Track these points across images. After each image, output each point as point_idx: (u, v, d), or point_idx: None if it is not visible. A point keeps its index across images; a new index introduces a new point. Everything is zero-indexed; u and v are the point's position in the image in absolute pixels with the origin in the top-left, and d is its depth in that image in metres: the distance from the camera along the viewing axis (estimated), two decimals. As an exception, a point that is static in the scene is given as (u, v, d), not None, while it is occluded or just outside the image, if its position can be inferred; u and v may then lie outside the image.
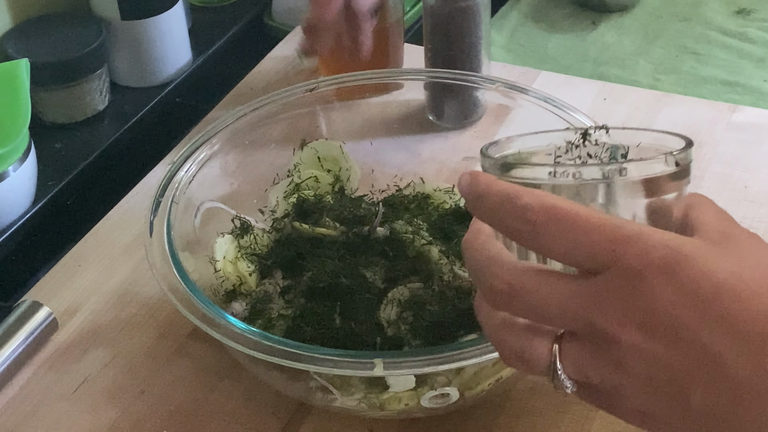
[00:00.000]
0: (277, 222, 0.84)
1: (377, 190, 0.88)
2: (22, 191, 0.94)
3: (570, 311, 0.49)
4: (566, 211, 0.48)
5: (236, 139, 0.85)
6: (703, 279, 0.47)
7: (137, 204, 0.94)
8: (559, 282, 0.49)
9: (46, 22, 1.05)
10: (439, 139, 0.96)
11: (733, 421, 0.48)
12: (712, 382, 0.47)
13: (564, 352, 0.50)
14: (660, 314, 0.47)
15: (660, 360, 0.47)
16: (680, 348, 0.47)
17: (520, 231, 0.49)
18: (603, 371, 0.49)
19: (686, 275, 0.47)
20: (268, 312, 0.77)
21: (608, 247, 0.47)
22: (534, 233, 0.49)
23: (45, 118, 1.04)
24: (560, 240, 0.48)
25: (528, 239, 0.49)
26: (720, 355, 0.47)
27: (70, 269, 0.89)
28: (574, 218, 0.48)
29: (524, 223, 0.49)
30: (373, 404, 0.70)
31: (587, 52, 1.34)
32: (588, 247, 0.48)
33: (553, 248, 0.49)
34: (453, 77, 0.90)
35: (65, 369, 0.80)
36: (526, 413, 0.75)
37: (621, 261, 0.47)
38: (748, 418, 0.48)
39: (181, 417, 0.76)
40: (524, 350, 0.51)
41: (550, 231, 0.48)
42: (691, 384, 0.48)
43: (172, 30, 1.09)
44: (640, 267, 0.47)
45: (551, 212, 0.48)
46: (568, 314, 0.49)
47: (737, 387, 0.47)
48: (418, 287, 0.76)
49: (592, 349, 0.49)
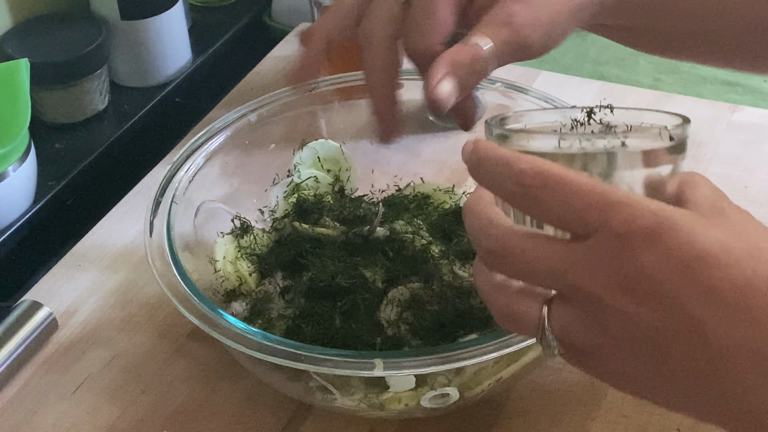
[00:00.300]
0: (277, 222, 0.84)
1: (377, 190, 0.88)
2: (22, 191, 0.94)
3: (558, 273, 0.50)
4: (559, 177, 0.50)
5: (236, 139, 0.85)
6: (687, 245, 0.48)
7: (137, 204, 0.94)
8: (550, 245, 0.51)
9: (46, 22, 1.05)
10: (439, 139, 0.96)
11: (712, 385, 0.49)
12: (691, 346, 0.48)
13: (552, 313, 0.52)
14: (643, 278, 0.48)
15: (642, 323, 0.49)
16: (662, 312, 0.48)
17: (515, 194, 0.51)
18: (588, 333, 0.51)
19: (671, 241, 0.48)
20: (268, 312, 0.77)
21: (597, 211, 0.49)
22: (528, 196, 0.50)
23: (45, 118, 1.04)
24: (552, 204, 0.50)
25: (522, 202, 0.51)
26: (700, 321, 0.48)
27: (70, 269, 0.89)
28: (566, 183, 0.49)
29: (519, 186, 0.51)
30: (373, 404, 0.70)
31: (587, 51, 1.34)
32: (578, 212, 0.49)
33: (545, 211, 0.50)
34: (453, 77, 0.89)
35: (65, 369, 0.80)
36: (526, 413, 0.75)
37: (608, 226, 0.49)
38: (726, 382, 0.49)
39: (181, 417, 0.76)
40: (515, 311, 0.53)
41: (543, 195, 0.50)
42: (671, 347, 0.49)
43: (172, 30, 1.09)
44: (626, 232, 0.48)
45: (545, 177, 0.50)
46: (557, 276, 0.50)
47: (716, 352, 0.48)
48: (418, 287, 0.76)
49: (578, 311, 0.51)
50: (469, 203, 0.56)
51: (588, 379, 0.76)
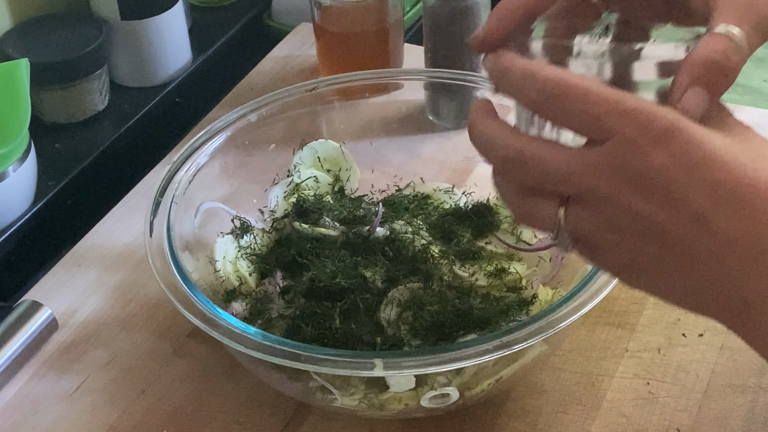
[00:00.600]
0: (277, 222, 0.84)
1: (377, 190, 0.88)
2: (22, 191, 0.94)
3: (572, 176, 0.53)
4: (579, 85, 0.53)
5: (236, 139, 0.85)
6: (694, 146, 0.52)
7: (137, 204, 0.94)
8: (564, 150, 0.54)
9: (46, 22, 1.05)
10: (439, 139, 0.96)
11: (710, 275, 0.53)
12: (693, 238, 0.52)
13: (567, 214, 0.55)
14: (652, 176, 0.52)
15: (649, 218, 0.52)
16: (667, 206, 0.52)
17: (538, 102, 0.54)
18: (599, 230, 0.54)
19: (679, 143, 0.52)
20: (268, 312, 0.77)
21: (613, 117, 0.52)
22: (549, 104, 0.53)
23: (45, 118, 1.04)
24: (572, 110, 0.53)
25: (544, 109, 0.54)
26: (703, 214, 0.52)
27: (70, 269, 0.89)
28: (585, 91, 0.53)
29: (542, 94, 0.53)
30: (373, 404, 0.70)
31: (587, 52, 1.33)
32: (595, 118, 0.52)
33: (566, 118, 0.54)
34: (453, 77, 0.90)
35: (65, 369, 0.80)
36: (526, 413, 0.75)
37: (623, 131, 0.52)
38: (723, 273, 0.53)
39: (181, 417, 0.76)
40: (533, 212, 0.56)
41: (564, 102, 0.53)
42: (675, 239, 0.53)
43: (172, 30, 1.09)
44: (638, 136, 0.52)
45: (566, 85, 0.53)
46: (571, 179, 0.53)
47: (716, 243, 0.52)
48: (418, 287, 0.76)
49: (591, 211, 0.54)
50: (474, 119, 0.58)
51: (588, 379, 0.76)
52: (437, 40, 0.97)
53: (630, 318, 0.81)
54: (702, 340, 0.79)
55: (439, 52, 0.98)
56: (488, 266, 0.79)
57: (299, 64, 1.11)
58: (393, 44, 1.04)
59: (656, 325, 0.80)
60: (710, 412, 0.74)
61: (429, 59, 0.99)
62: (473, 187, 0.87)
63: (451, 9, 0.95)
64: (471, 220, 0.83)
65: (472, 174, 0.90)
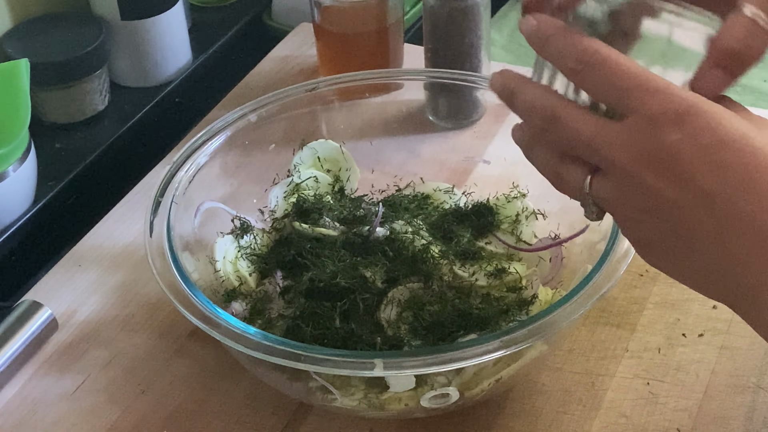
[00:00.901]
0: (277, 222, 0.84)
1: (377, 190, 0.88)
2: (22, 191, 0.94)
3: (596, 146, 0.56)
4: (613, 59, 0.55)
5: (236, 139, 0.85)
6: (710, 130, 0.53)
7: (137, 204, 0.94)
8: (593, 118, 0.56)
9: (46, 22, 1.05)
10: (439, 139, 0.96)
11: (716, 255, 0.54)
12: (701, 217, 0.54)
13: (593, 181, 0.57)
14: (665, 155, 0.53)
15: (660, 195, 0.54)
16: (677, 185, 0.54)
17: (574, 70, 0.57)
18: (617, 203, 0.57)
19: (696, 125, 0.53)
20: (268, 312, 0.77)
21: (638, 93, 0.54)
22: (584, 72, 0.56)
23: (45, 118, 1.04)
24: (602, 81, 0.55)
25: (578, 77, 0.57)
26: (711, 194, 0.53)
27: (70, 269, 0.89)
28: (618, 65, 0.55)
29: (579, 63, 0.56)
30: (373, 404, 0.70)
31: (587, 52, 1.33)
32: (622, 91, 0.55)
33: (596, 88, 0.56)
34: (453, 77, 0.90)
35: (65, 369, 0.80)
36: (526, 413, 0.75)
37: (644, 108, 0.54)
38: (728, 253, 0.54)
39: (181, 417, 0.76)
40: (564, 175, 0.59)
41: (597, 73, 0.56)
42: (683, 217, 0.54)
43: (172, 30, 1.09)
44: (658, 114, 0.54)
45: (601, 57, 0.55)
46: (595, 148, 0.56)
47: (722, 223, 0.53)
48: (418, 287, 0.76)
49: (611, 183, 0.56)
50: (517, 84, 0.60)
51: (588, 379, 0.76)
52: (437, 40, 0.97)
53: (630, 318, 0.81)
54: (702, 340, 0.79)
55: (439, 52, 0.98)
56: (488, 266, 0.79)
57: (299, 64, 1.11)
58: (393, 44, 1.04)
59: (656, 325, 0.80)
60: (710, 412, 0.74)
61: (429, 59, 0.99)
62: (473, 187, 0.87)
63: (451, 9, 0.95)
64: (471, 220, 0.83)
65: (472, 174, 0.90)
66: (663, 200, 0.54)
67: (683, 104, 0.53)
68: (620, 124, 0.55)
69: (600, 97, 0.57)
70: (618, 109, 0.56)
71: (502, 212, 0.84)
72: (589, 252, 0.76)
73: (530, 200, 0.84)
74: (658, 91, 0.54)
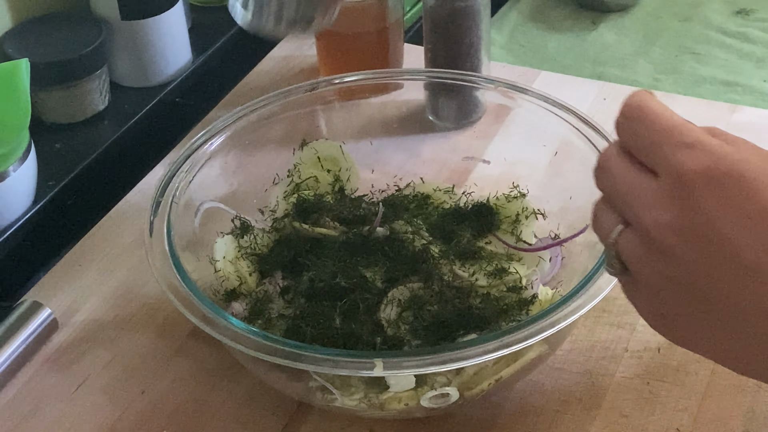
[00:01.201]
0: (277, 222, 0.84)
1: (377, 190, 0.88)
2: (22, 191, 0.94)
3: (629, 201, 0.53)
4: (653, 113, 0.52)
5: (236, 139, 0.85)
6: (752, 197, 0.49)
7: (137, 204, 0.94)
8: (633, 173, 0.53)
9: (46, 22, 1.05)
10: (439, 139, 0.96)
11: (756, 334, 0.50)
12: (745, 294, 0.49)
13: (622, 234, 0.54)
14: (699, 224, 0.49)
15: (693, 266, 0.50)
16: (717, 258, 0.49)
17: (620, 124, 0.54)
18: (640, 263, 0.53)
19: (736, 190, 0.49)
20: (268, 312, 0.77)
21: (669, 148, 0.51)
22: (624, 126, 0.54)
23: (45, 118, 1.04)
24: (638, 136, 0.53)
25: (620, 132, 0.54)
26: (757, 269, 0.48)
27: (70, 269, 0.89)
28: (656, 120, 0.52)
29: (622, 117, 0.54)
30: (373, 404, 0.70)
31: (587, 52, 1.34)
32: (654, 146, 0.51)
33: (632, 142, 0.53)
34: (453, 77, 0.90)
35: (65, 369, 0.80)
36: (526, 413, 0.75)
37: (677, 165, 0.50)
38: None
39: (181, 417, 0.76)
40: (600, 217, 0.56)
41: (635, 127, 0.53)
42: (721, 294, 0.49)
43: (172, 30, 1.09)
44: (691, 174, 0.50)
45: (642, 111, 0.53)
46: (627, 204, 0.53)
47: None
48: (418, 287, 0.76)
49: (639, 242, 0.52)
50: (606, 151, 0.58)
51: (588, 379, 0.76)
52: (437, 40, 0.97)
53: (630, 318, 0.81)
54: (702, 340, 0.79)
55: (439, 52, 0.98)
56: (488, 266, 0.79)
57: (299, 64, 1.11)
58: (393, 44, 1.04)
59: (656, 325, 0.80)
60: (710, 412, 0.74)
61: (429, 59, 0.99)
62: (473, 187, 0.87)
63: (451, 9, 0.95)
64: (471, 220, 0.83)
65: (472, 174, 0.90)
66: (692, 272, 0.50)
67: (722, 165, 0.49)
68: (656, 182, 0.51)
69: (637, 153, 0.53)
70: (652, 165, 0.52)
71: (502, 212, 0.84)
72: (589, 252, 0.76)
73: (530, 200, 0.84)
74: (693, 147, 0.50)
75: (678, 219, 0.50)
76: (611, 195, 0.55)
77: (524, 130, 0.86)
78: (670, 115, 0.52)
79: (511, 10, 1.41)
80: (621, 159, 0.54)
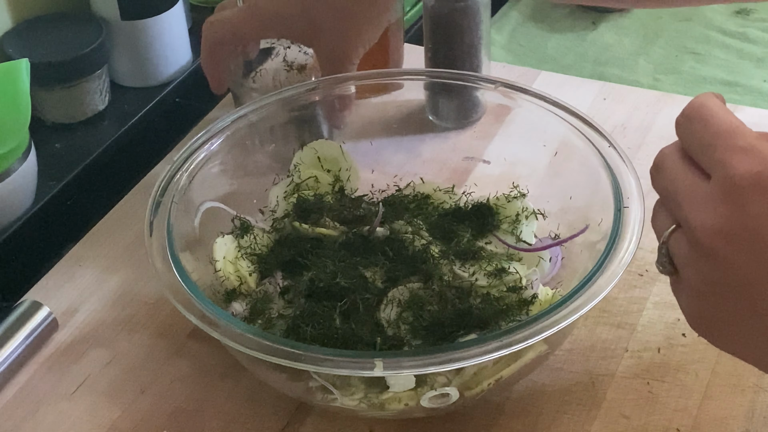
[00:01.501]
0: (277, 222, 0.84)
1: (377, 190, 0.88)
2: (22, 191, 0.94)
3: (680, 202, 0.52)
4: (710, 114, 0.52)
5: (236, 139, 0.85)
6: None
7: (137, 204, 0.94)
8: (688, 175, 0.53)
9: (46, 22, 1.05)
10: (439, 139, 0.96)
11: None
12: None
13: (673, 234, 0.54)
14: (746, 228, 0.49)
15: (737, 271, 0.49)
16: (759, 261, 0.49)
17: (679, 123, 0.54)
18: (687, 264, 0.53)
19: None
20: (268, 312, 0.77)
21: (723, 151, 0.50)
22: (683, 126, 0.54)
23: (45, 118, 1.04)
24: (694, 136, 0.53)
25: (679, 131, 0.54)
26: None
27: (70, 269, 0.89)
28: (712, 121, 0.52)
29: (682, 116, 0.54)
30: (373, 404, 0.70)
31: (587, 52, 1.34)
32: (708, 147, 0.51)
33: (688, 142, 0.54)
34: (453, 77, 0.90)
35: (65, 369, 0.80)
36: (526, 413, 0.75)
37: (728, 168, 0.50)
38: None
39: (181, 417, 0.76)
40: (657, 216, 0.56)
41: (692, 126, 0.53)
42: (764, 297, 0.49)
43: (172, 30, 1.09)
44: (742, 178, 0.49)
45: (700, 112, 0.53)
46: (678, 204, 0.53)
47: None
48: (418, 287, 0.76)
49: (687, 243, 0.52)
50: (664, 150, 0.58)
51: (588, 379, 0.76)
52: (437, 40, 0.97)
53: (630, 318, 0.81)
54: (702, 340, 0.78)
55: (439, 52, 0.98)
56: (488, 266, 0.79)
57: (299, 64, 1.11)
58: (393, 44, 1.04)
59: (656, 325, 0.80)
60: (710, 412, 0.74)
61: (429, 59, 0.99)
62: (473, 187, 0.87)
63: (451, 9, 0.95)
64: (471, 220, 0.83)
65: (472, 174, 0.90)
66: (738, 277, 0.50)
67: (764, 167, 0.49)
68: (707, 184, 0.51)
69: (692, 153, 0.53)
70: (705, 167, 0.52)
71: (502, 212, 0.84)
72: (589, 252, 0.76)
73: (530, 200, 0.84)
74: (746, 151, 0.50)
75: (725, 223, 0.49)
76: (664, 194, 0.55)
77: (524, 130, 0.86)
78: (727, 117, 0.52)
79: (511, 10, 1.41)
80: (676, 159, 0.54)
